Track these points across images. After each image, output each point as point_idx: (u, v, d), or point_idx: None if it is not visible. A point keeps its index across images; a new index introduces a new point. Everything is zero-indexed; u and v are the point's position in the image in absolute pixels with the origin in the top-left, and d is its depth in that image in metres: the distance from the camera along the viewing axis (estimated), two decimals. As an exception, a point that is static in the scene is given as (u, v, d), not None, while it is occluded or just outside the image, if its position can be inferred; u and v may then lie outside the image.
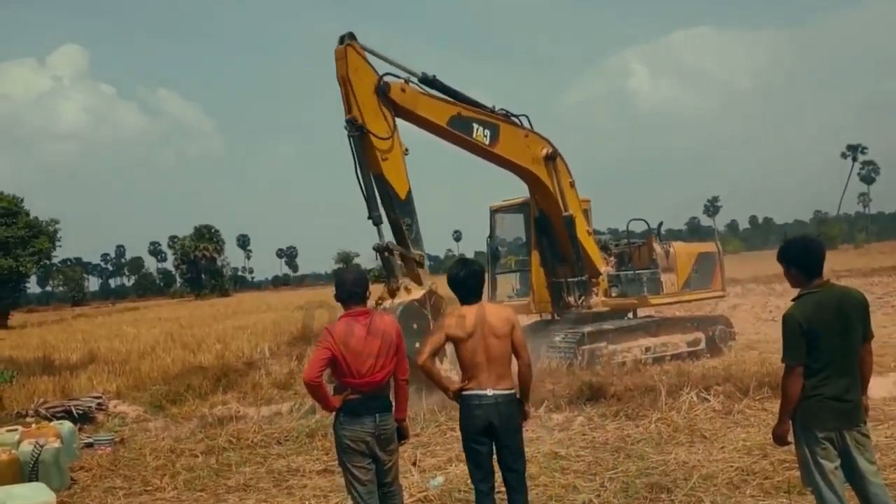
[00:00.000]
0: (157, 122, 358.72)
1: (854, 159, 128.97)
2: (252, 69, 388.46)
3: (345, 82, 11.51)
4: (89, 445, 10.14)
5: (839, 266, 40.96)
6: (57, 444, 8.52)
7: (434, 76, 12.76)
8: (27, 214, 54.13)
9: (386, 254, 11.67)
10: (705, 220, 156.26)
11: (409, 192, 12.09)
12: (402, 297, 11.37)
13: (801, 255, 4.73)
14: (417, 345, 10.77)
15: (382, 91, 11.77)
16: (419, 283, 11.79)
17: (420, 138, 12.69)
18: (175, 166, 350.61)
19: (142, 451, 9.83)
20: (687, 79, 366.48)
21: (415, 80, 12.38)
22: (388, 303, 11.44)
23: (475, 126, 13.06)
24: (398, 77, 12.12)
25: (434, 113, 12.62)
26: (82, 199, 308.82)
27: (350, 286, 5.26)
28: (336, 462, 8.54)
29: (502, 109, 13.68)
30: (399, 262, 11.79)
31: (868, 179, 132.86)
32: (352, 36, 11.62)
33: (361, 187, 11.56)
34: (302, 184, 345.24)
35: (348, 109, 11.56)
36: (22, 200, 54.95)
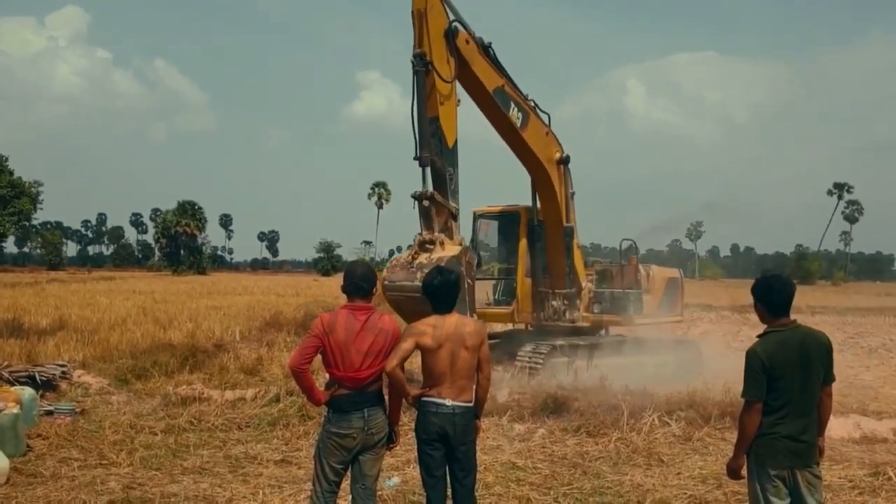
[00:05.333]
0: (150, 93, 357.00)
1: (840, 197, 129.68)
2: (253, 48, 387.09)
3: (420, 16, 11.60)
4: (49, 413, 10.06)
5: (815, 301, 41.33)
6: (16, 410, 8.47)
7: (490, 44, 12.97)
8: (11, 174, 53.74)
9: (426, 202, 11.49)
10: (687, 244, 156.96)
11: (456, 142, 12.11)
12: (439, 253, 11.18)
13: (766, 292, 4.77)
14: None
15: (451, 35, 11.95)
16: (451, 236, 11.66)
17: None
18: (165, 139, 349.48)
19: (102, 423, 9.80)
20: (683, 102, 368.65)
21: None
22: (423, 257, 11.20)
23: (512, 105, 13.30)
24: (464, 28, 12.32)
25: (485, 76, 12.81)
26: (68, 163, 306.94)
27: (357, 279, 5.22)
28: (294, 453, 8.64)
29: (532, 100, 13.90)
30: (434, 213, 11.58)
31: (851, 219, 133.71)
32: None
33: (414, 126, 11.53)
34: (291, 170, 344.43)
35: (419, 43, 11.63)
36: (7, 159, 54.57)
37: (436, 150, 11.72)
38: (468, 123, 12.80)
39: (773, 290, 4.74)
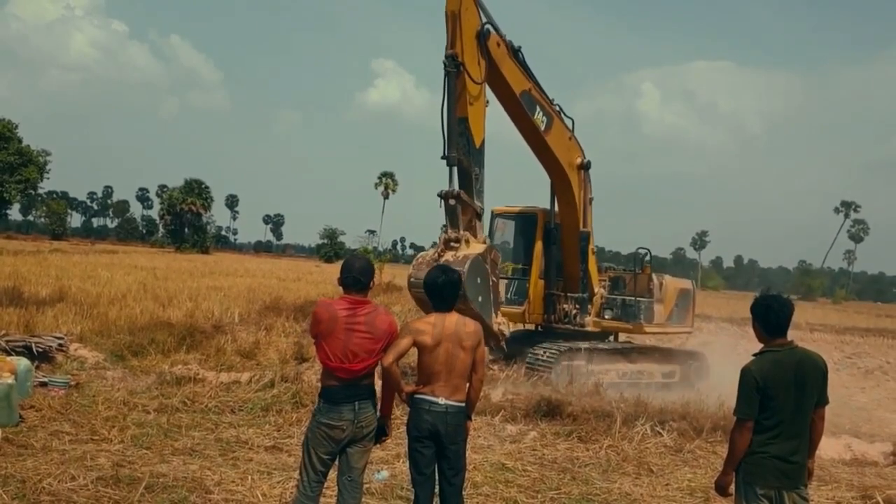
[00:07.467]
0: (164, 69, 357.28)
1: (846, 216, 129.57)
2: (269, 30, 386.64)
3: (454, 17, 11.79)
4: (43, 385, 10.07)
5: (814, 319, 41.29)
6: (10, 380, 8.49)
7: (520, 48, 13.19)
8: (19, 141, 53.67)
9: (452, 201, 11.77)
10: (691, 253, 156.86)
11: (483, 142, 12.35)
12: (464, 250, 11.51)
13: (764, 312, 4.77)
14: (480, 298, 11.27)
15: (483, 37, 12.16)
16: (475, 235, 11.96)
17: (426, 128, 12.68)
18: (176, 116, 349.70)
19: (95, 398, 9.81)
20: (696, 109, 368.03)
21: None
22: (449, 255, 11.46)
23: (538, 109, 13.52)
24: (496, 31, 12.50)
25: (513, 79, 13.04)
26: (78, 134, 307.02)
27: (356, 273, 5.20)
28: (285, 440, 8.64)
29: (557, 104, 14.07)
30: (460, 212, 11.85)
31: (857, 238, 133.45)
32: None
33: (443, 126, 11.80)
34: (300, 154, 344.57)
35: (451, 45, 11.83)
36: (16, 126, 54.53)
37: (463, 150, 11.94)
38: (493, 124, 12.89)
39: (771, 310, 4.74)
